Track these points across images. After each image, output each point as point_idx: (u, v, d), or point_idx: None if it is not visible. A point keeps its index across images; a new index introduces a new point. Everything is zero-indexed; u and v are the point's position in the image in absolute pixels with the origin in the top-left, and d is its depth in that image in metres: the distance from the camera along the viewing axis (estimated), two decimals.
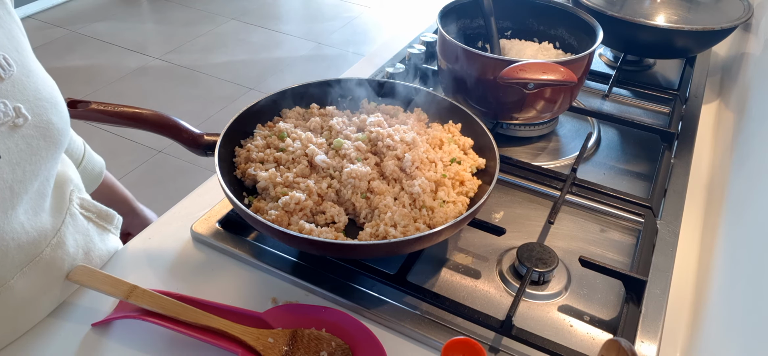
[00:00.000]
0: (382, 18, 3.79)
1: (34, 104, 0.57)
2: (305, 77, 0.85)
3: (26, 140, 0.56)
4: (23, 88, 0.57)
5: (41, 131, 0.57)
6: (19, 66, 0.57)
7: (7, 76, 0.56)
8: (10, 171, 0.54)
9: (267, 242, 0.73)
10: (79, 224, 0.67)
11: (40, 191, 0.60)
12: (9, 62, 0.56)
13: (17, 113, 0.55)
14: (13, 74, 0.56)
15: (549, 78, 0.78)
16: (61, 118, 0.61)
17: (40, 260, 0.60)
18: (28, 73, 0.58)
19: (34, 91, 0.58)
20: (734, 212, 0.71)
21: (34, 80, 0.59)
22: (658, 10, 1.15)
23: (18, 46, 0.59)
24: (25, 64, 0.59)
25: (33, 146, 0.57)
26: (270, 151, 0.74)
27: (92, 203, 0.71)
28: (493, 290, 0.69)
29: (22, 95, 0.56)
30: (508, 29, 1.07)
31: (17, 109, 0.55)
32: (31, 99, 0.57)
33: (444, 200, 0.70)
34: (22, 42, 0.61)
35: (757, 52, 1.08)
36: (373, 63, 1.15)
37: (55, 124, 0.59)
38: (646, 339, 0.62)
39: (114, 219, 0.74)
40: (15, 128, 0.55)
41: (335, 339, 0.60)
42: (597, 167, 0.92)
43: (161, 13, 3.69)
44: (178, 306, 0.61)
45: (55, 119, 0.59)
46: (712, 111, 1.09)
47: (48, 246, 0.61)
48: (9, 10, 0.61)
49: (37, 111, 0.57)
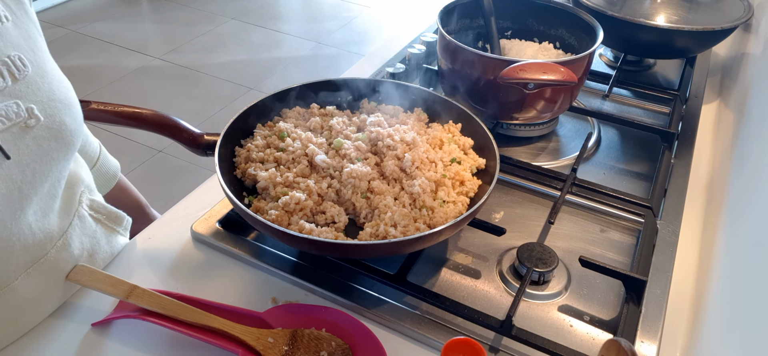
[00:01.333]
0: (382, 18, 3.79)
1: (48, 105, 0.57)
2: (305, 77, 0.85)
3: (37, 142, 0.56)
4: (37, 88, 0.57)
5: (53, 133, 0.57)
6: (34, 66, 0.57)
7: (21, 77, 0.56)
8: (20, 173, 0.54)
9: (267, 242, 0.73)
10: (87, 225, 0.67)
11: (51, 192, 0.60)
12: (24, 63, 0.56)
13: (30, 114, 0.55)
14: (28, 75, 0.56)
15: (549, 78, 0.78)
16: (74, 119, 0.60)
17: (45, 262, 0.60)
18: (42, 73, 0.58)
19: (48, 92, 0.58)
20: (734, 212, 0.71)
21: (48, 81, 0.58)
22: (658, 10, 1.15)
23: (34, 46, 0.59)
24: (40, 65, 0.58)
25: (44, 148, 0.56)
26: (270, 151, 0.74)
27: (102, 205, 0.70)
28: (493, 290, 0.69)
29: (36, 95, 0.56)
30: (509, 29, 1.07)
31: (30, 110, 0.55)
32: (44, 100, 0.57)
33: (444, 200, 0.70)
34: (38, 42, 0.61)
35: (757, 52, 1.08)
36: (373, 63, 1.15)
37: (67, 125, 0.59)
38: (646, 339, 0.62)
39: (123, 221, 0.73)
40: (27, 129, 0.55)
41: (335, 338, 0.60)
42: (597, 167, 0.92)
43: (161, 13, 3.69)
44: (179, 305, 0.61)
45: (68, 120, 0.59)
46: (712, 111, 1.09)
47: (53, 248, 0.61)
48: (26, 9, 0.61)
49: (50, 112, 0.57)
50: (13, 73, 0.55)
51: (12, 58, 0.55)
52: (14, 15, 0.58)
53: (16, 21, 0.58)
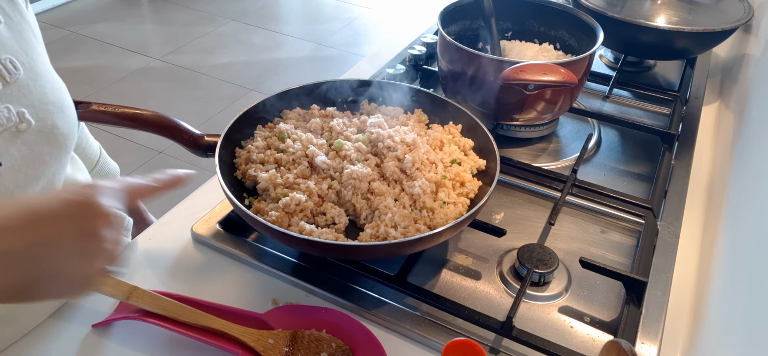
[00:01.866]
0: (382, 19, 3.79)
1: (40, 108, 0.56)
2: (305, 78, 0.85)
3: (29, 146, 0.55)
4: (28, 92, 0.56)
5: (45, 136, 0.57)
6: (26, 69, 0.57)
7: (12, 80, 0.55)
8: (11, 177, 0.54)
9: (267, 243, 0.73)
10: None
11: None
12: (15, 66, 0.56)
13: (21, 119, 0.54)
14: (19, 78, 0.55)
15: (549, 79, 0.78)
16: (67, 122, 0.60)
17: None
18: (35, 76, 0.58)
19: (40, 94, 0.57)
20: (735, 213, 0.71)
21: (40, 83, 0.58)
22: (658, 12, 1.15)
23: (27, 48, 0.58)
24: (32, 67, 0.58)
25: (36, 152, 0.56)
26: (270, 152, 0.74)
27: None
28: (493, 291, 0.69)
29: (27, 99, 0.56)
30: (509, 30, 1.08)
31: (21, 114, 0.54)
32: (36, 103, 0.56)
33: (444, 201, 0.70)
34: (32, 43, 0.60)
35: (758, 53, 1.08)
36: (374, 64, 1.15)
37: (60, 128, 0.58)
38: (647, 340, 0.62)
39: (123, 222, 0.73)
40: (18, 134, 0.54)
41: (336, 340, 0.60)
42: (597, 168, 0.92)
43: (162, 14, 3.70)
44: (179, 307, 0.60)
45: (60, 123, 0.58)
46: (713, 112, 1.09)
47: None
48: (21, 10, 0.60)
49: (42, 115, 0.56)
50: (3, 76, 0.54)
51: (3, 62, 0.55)
52: (7, 16, 0.58)
53: (8, 23, 0.58)
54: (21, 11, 0.60)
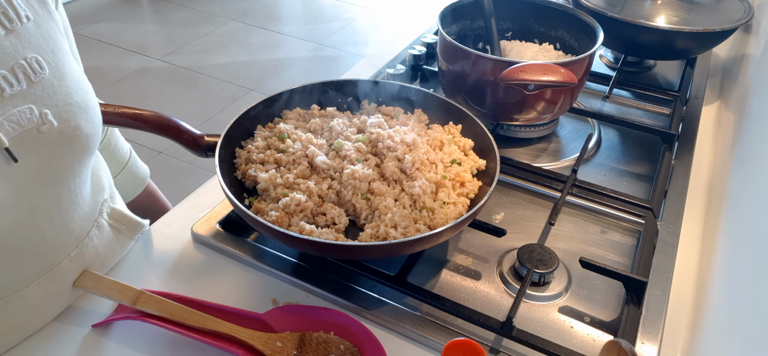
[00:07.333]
0: (382, 19, 3.79)
1: (64, 109, 0.55)
2: (305, 78, 0.85)
3: (48, 148, 0.54)
4: (53, 92, 0.55)
5: (67, 137, 0.56)
6: (52, 68, 0.55)
7: (37, 80, 0.54)
8: (29, 179, 0.53)
9: (267, 243, 0.73)
10: (105, 234, 0.66)
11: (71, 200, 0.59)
12: (41, 65, 0.54)
13: (43, 120, 0.53)
14: (45, 78, 0.54)
15: (549, 79, 0.78)
16: (90, 123, 0.59)
17: (58, 272, 0.59)
18: (60, 76, 0.56)
19: (65, 95, 0.56)
20: (735, 213, 0.71)
21: (66, 84, 0.57)
22: (658, 12, 1.15)
23: (55, 47, 0.57)
24: (58, 67, 0.56)
25: (55, 154, 0.55)
26: (270, 152, 0.74)
27: (122, 214, 0.69)
28: (493, 291, 0.69)
29: (52, 99, 0.54)
30: (509, 30, 1.08)
31: (43, 115, 0.53)
32: (60, 104, 0.55)
33: (444, 201, 0.70)
34: (59, 42, 0.58)
35: (758, 53, 1.08)
36: (374, 64, 1.15)
37: (83, 130, 0.57)
38: (647, 341, 0.62)
39: (142, 228, 0.73)
40: (38, 135, 0.53)
41: (344, 342, 0.60)
42: (597, 169, 0.92)
43: (162, 14, 3.70)
44: (185, 310, 0.60)
45: (83, 124, 0.57)
46: (713, 112, 1.09)
47: (66, 258, 0.60)
48: (49, 9, 0.59)
49: (66, 116, 0.55)
50: (28, 76, 0.53)
51: (29, 61, 0.53)
52: (36, 14, 0.57)
53: (37, 20, 0.56)
54: (49, 10, 0.59)
